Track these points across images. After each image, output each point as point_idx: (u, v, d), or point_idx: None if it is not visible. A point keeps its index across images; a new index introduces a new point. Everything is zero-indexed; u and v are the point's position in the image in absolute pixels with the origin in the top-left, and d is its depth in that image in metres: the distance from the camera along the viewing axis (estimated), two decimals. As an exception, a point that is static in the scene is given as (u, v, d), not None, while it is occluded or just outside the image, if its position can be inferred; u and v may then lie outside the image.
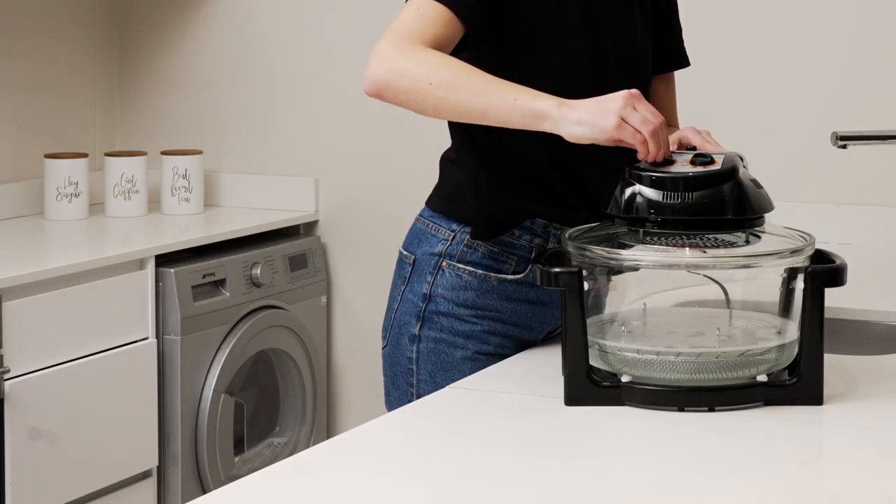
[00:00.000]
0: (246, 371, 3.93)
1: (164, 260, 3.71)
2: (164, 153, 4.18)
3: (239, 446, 3.92)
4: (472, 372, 2.40)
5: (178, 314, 3.68)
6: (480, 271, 2.45)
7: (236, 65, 4.33)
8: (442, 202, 2.51)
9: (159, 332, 3.69)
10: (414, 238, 2.53)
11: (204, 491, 3.75)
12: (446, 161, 2.54)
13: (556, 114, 2.18)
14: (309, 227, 4.29)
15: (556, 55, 2.39)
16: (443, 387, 2.35)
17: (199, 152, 4.21)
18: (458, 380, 2.36)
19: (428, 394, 2.39)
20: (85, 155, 4.08)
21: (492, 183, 2.43)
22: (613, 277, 2.20)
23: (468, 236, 2.46)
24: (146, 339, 3.65)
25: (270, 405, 4.08)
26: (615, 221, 2.17)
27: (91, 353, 3.49)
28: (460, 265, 2.46)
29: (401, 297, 2.52)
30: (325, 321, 4.24)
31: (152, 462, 3.67)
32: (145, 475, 3.68)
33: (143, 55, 4.43)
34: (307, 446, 3.92)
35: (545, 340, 2.51)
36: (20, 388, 3.29)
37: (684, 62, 2.63)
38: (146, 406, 3.64)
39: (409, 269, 2.52)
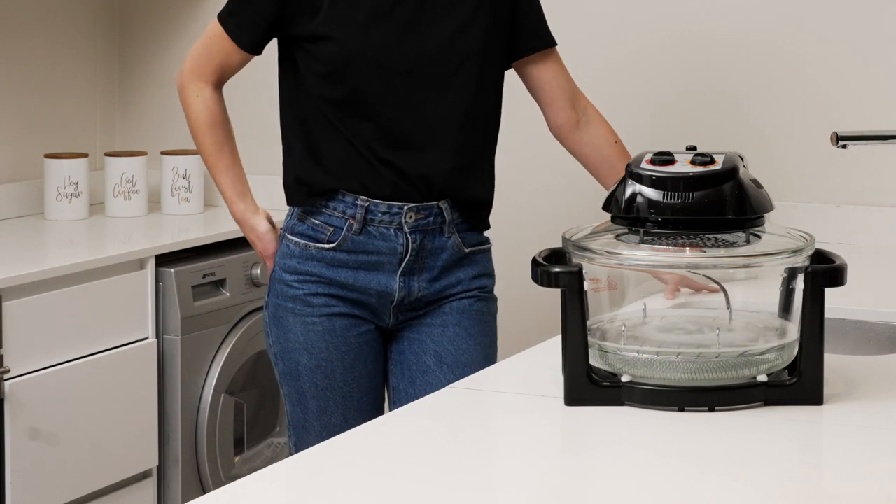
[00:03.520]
0: (246, 371, 3.93)
1: (164, 260, 3.71)
2: (164, 153, 4.18)
3: (239, 446, 3.92)
4: (304, 336, 2.75)
5: (178, 314, 3.68)
6: (303, 241, 2.78)
7: (236, 65, 4.32)
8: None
9: (159, 332, 3.69)
10: None
11: (204, 491, 3.75)
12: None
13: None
14: (309, 227, 4.28)
15: (351, 48, 2.70)
16: (286, 348, 2.78)
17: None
18: (293, 342, 2.75)
19: (279, 354, 2.80)
20: (85, 155, 4.08)
21: (299, 153, 2.80)
22: (613, 277, 2.20)
23: (298, 210, 2.80)
24: (146, 339, 3.65)
25: (270, 405, 4.07)
26: (615, 221, 2.17)
27: (91, 353, 3.48)
28: (290, 236, 2.81)
29: None
30: (325, 321, 4.23)
31: (152, 462, 3.67)
32: (145, 475, 3.67)
33: (143, 55, 4.43)
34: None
35: (544, 340, 2.52)
36: (20, 388, 3.29)
37: (549, 42, 2.86)
38: (146, 406, 3.64)
39: None
